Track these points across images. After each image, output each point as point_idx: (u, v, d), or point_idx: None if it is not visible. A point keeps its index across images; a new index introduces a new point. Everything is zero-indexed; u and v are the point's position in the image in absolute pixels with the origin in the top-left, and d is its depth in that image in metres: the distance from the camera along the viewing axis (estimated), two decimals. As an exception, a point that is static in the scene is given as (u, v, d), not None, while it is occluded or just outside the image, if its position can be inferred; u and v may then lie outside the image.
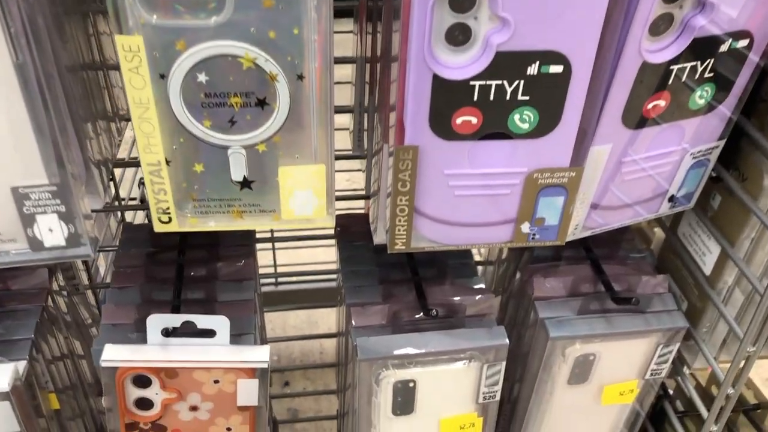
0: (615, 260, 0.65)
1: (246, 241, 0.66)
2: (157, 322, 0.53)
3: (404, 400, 0.59)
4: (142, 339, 0.55)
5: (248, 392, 0.55)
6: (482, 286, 0.62)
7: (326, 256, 1.08)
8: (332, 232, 0.81)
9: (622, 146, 0.51)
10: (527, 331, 0.64)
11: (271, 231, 0.82)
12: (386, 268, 0.64)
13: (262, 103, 0.44)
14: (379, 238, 0.54)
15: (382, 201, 0.51)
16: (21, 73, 0.39)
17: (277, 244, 1.00)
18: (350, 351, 0.61)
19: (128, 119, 0.61)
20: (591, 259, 0.65)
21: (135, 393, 0.55)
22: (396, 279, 0.63)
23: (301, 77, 0.43)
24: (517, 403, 0.68)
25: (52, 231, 0.43)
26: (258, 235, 0.69)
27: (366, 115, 0.56)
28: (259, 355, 0.54)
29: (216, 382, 0.55)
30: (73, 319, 0.69)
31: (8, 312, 0.58)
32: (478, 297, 0.59)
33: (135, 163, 0.62)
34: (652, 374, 0.65)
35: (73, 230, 0.44)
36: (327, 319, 1.49)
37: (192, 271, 0.62)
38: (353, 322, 0.59)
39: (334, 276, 1.14)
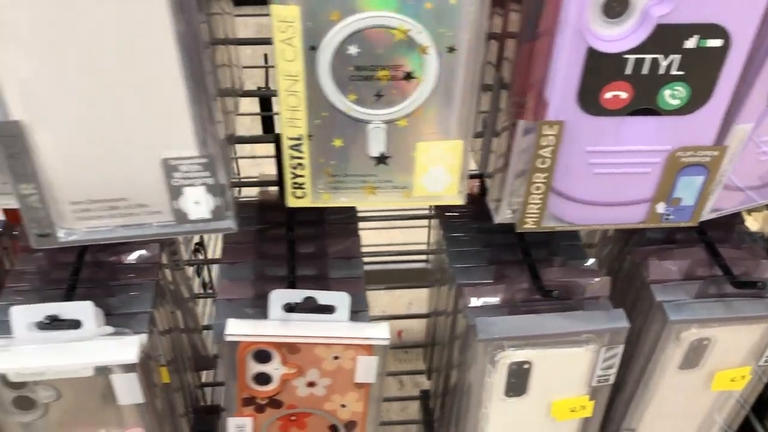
0: (729, 243, 0.64)
1: (350, 219, 0.66)
2: (279, 297, 0.53)
3: (518, 381, 0.58)
4: (258, 314, 0.55)
5: (367, 369, 0.55)
6: (595, 267, 0.61)
7: (393, 238, 1.08)
8: (428, 212, 0.80)
9: (762, 125, 0.50)
10: (638, 314, 0.63)
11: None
12: (495, 248, 0.63)
13: (409, 76, 0.43)
14: (502, 217, 0.53)
15: (509, 179, 0.50)
16: (181, 41, 0.38)
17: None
18: (460, 331, 0.61)
19: (242, 96, 0.61)
20: (705, 242, 0.63)
21: (255, 368, 0.55)
22: (507, 260, 0.62)
23: (452, 50, 0.42)
24: (623, 386, 0.67)
25: (198, 203, 0.43)
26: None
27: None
28: (379, 332, 0.54)
29: (336, 358, 0.55)
30: (176, 292, 0.69)
31: (124, 285, 0.59)
32: (595, 279, 0.58)
33: (249, 139, 0.62)
34: (766, 361, 0.63)
35: (220, 203, 0.43)
36: (380, 300, 1.49)
37: (301, 248, 0.62)
38: (469, 302, 0.58)
39: (414, 257, 1.13)
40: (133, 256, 0.61)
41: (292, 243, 0.61)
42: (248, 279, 0.59)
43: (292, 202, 0.48)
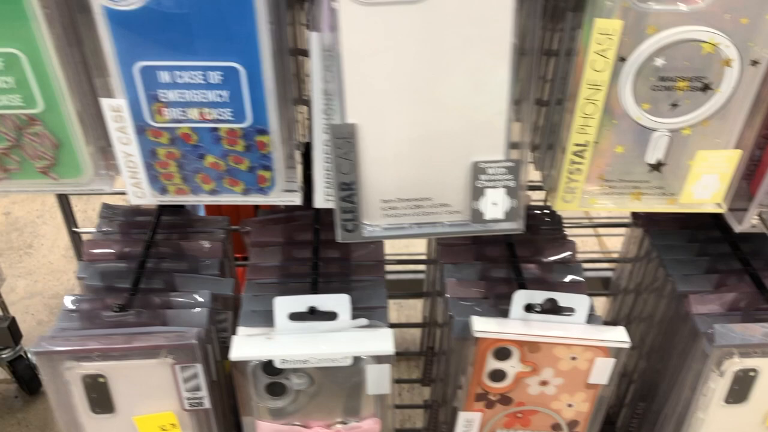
0: None
1: (557, 225, 0.68)
2: (521, 298, 0.56)
3: (741, 389, 0.59)
4: (487, 312, 0.58)
5: (602, 371, 0.57)
6: (816, 279, 0.62)
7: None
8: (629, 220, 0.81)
9: None
10: None
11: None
12: (712, 257, 0.64)
13: (706, 87, 0.44)
14: (746, 226, 0.54)
15: (764, 188, 0.51)
16: (514, 52, 0.41)
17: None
18: (679, 338, 0.62)
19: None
20: None
21: (492, 364, 0.57)
22: (725, 268, 0.63)
23: (755, 63, 0.43)
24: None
25: (495, 204, 0.46)
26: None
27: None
28: (619, 335, 0.55)
29: (573, 358, 0.56)
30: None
31: (357, 281, 0.62)
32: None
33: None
34: None
35: (515, 205, 0.46)
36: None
37: (519, 252, 0.64)
38: (695, 310, 0.59)
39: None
40: (360, 253, 0.64)
41: (511, 246, 0.64)
42: (472, 279, 0.62)
43: (560, 206, 0.50)
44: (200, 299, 0.59)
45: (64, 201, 0.71)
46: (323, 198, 0.49)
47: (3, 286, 1.25)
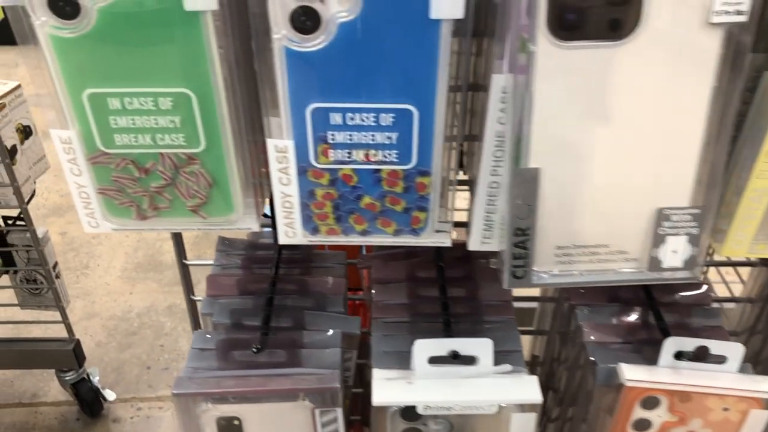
0: None
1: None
2: (672, 345, 0.53)
3: None
4: (630, 359, 0.56)
5: (756, 423, 0.54)
6: None
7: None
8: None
9: None
10: None
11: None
12: None
13: None
14: None
15: None
16: (715, 97, 0.39)
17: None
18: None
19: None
20: None
21: (638, 413, 0.55)
22: None
23: None
24: None
25: (675, 252, 0.44)
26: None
27: None
28: (775, 386, 0.53)
29: (725, 409, 0.54)
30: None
31: (489, 322, 0.60)
32: None
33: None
34: None
35: (695, 252, 0.44)
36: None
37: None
38: None
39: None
40: (487, 292, 0.62)
41: (647, 288, 0.62)
42: (609, 324, 0.60)
43: (727, 252, 0.48)
44: (331, 338, 0.57)
45: (177, 234, 0.70)
46: (479, 240, 0.48)
47: (61, 308, 1.26)
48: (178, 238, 0.70)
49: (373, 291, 0.63)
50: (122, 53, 0.42)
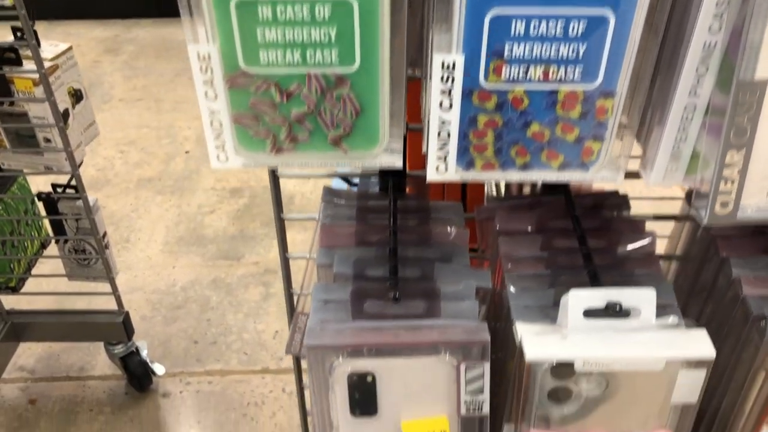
0: None
1: None
2: None
3: None
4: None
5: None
6: None
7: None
8: None
9: None
10: None
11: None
12: None
13: None
14: None
15: None
16: None
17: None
18: None
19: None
20: None
21: (814, 373, 0.50)
22: None
23: None
24: None
25: None
26: None
27: None
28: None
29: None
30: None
31: (635, 275, 0.55)
32: None
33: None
34: None
35: None
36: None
37: None
38: None
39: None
40: (628, 245, 0.57)
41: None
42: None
43: None
44: (465, 291, 0.52)
45: (275, 182, 0.64)
46: (662, 175, 0.43)
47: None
48: (276, 188, 0.64)
49: (499, 243, 0.57)
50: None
